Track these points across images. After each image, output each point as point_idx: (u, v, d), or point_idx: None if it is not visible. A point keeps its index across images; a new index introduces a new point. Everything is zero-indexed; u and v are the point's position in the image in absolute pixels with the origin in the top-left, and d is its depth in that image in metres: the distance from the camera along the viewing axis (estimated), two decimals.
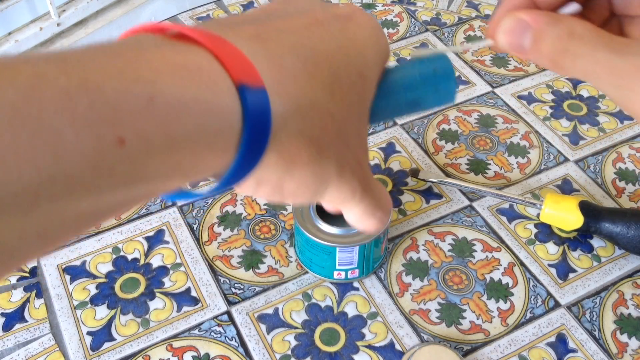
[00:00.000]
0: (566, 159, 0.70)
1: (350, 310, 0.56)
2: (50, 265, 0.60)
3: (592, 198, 0.66)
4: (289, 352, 0.53)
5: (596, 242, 0.62)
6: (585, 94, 0.78)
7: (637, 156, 0.70)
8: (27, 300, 0.57)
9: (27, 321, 0.56)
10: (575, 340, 0.54)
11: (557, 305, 0.57)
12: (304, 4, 0.27)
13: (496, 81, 0.80)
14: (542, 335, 0.55)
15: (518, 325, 0.55)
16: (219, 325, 0.55)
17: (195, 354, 0.53)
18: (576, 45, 0.25)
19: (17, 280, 0.59)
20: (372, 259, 0.57)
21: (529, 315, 0.56)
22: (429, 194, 0.66)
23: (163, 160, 0.19)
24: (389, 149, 0.71)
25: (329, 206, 0.27)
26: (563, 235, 0.62)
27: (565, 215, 0.59)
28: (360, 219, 0.28)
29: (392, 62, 0.82)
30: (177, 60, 0.20)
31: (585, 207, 0.59)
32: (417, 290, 0.58)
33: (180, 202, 0.65)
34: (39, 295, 0.58)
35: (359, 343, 0.54)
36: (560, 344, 0.54)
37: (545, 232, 0.62)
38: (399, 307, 0.57)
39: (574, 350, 0.54)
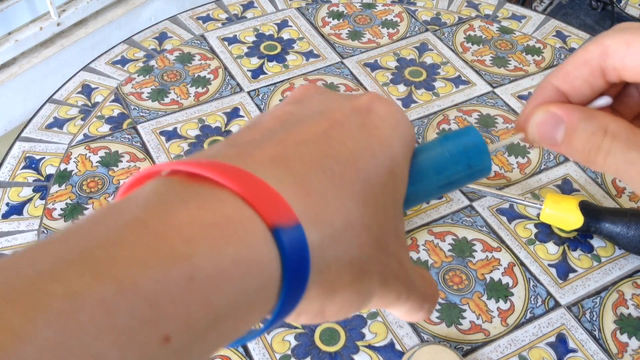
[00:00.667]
0: (566, 159, 0.70)
1: None
2: None
3: (592, 198, 0.66)
4: (289, 352, 0.53)
5: (596, 242, 0.62)
6: None
7: None
8: None
9: None
10: (575, 340, 0.54)
11: (557, 305, 0.57)
12: (319, 102, 0.25)
13: (496, 81, 0.80)
14: (542, 335, 0.55)
15: (518, 325, 0.55)
16: None
17: None
18: (609, 143, 0.25)
19: None
20: None
21: (529, 315, 0.56)
22: None
23: (207, 339, 0.17)
24: None
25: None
26: (563, 235, 0.62)
27: (565, 215, 0.59)
28: (408, 315, 0.27)
29: (392, 62, 0.82)
30: (208, 219, 0.18)
31: (585, 207, 0.59)
32: None
33: None
34: None
35: (359, 343, 0.54)
36: (560, 344, 0.54)
37: (545, 232, 0.62)
38: None
39: (574, 350, 0.54)
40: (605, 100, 0.27)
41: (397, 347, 0.54)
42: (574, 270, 0.60)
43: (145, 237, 0.17)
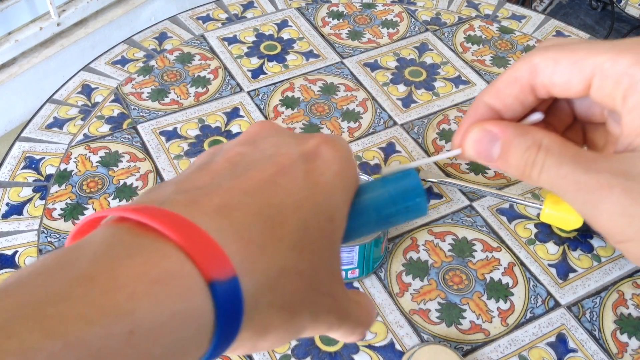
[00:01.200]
0: None
1: None
2: None
3: None
4: (289, 352, 0.53)
5: (596, 242, 0.62)
6: None
7: None
8: None
9: None
10: (575, 340, 0.54)
11: (557, 305, 0.57)
12: (270, 145, 0.27)
13: None
14: (542, 335, 0.55)
15: (518, 325, 0.55)
16: None
17: None
18: (543, 159, 0.26)
19: None
20: (372, 259, 0.57)
21: (529, 315, 0.56)
22: (429, 194, 0.66)
23: None
24: (389, 149, 0.71)
25: None
26: (563, 235, 0.62)
27: (565, 215, 0.59)
28: (342, 338, 0.28)
29: (392, 62, 0.82)
30: (152, 274, 0.20)
31: None
32: (417, 290, 0.58)
33: None
34: None
35: (359, 343, 0.54)
36: (560, 344, 0.54)
37: (545, 232, 0.62)
38: (399, 307, 0.57)
39: (574, 350, 0.54)
40: (537, 116, 0.28)
41: (397, 347, 0.54)
42: (574, 270, 0.60)
43: (92, 293, 0.18)
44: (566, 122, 0.30)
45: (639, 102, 0.24)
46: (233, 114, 0.75)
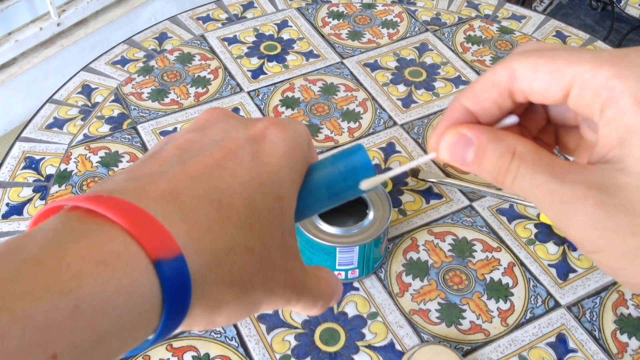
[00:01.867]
0: (566, 159, 0.70)
1: (350, 310, 0.56)
2: None
3: None
4: (289, 352, 0.53)
5: None
6: None
7: None
8: None
9: None
10: (575, 340, 0.54)
11: (557, 305, 0.57)
12: (219, 130, 0.28)
13: None
14: (542, 335, 0.55)
15: (518, 325, 0.56)
16: None
17: (195, 354, 0.53)
18: (517, 166, 0.26)
19: None
20: (372, 259, 0.57)
21: (529, 315, 0.56)
22: (429, 194, 0.66)
23: (94, 354, 0.20)
24: (389, 149, 0.71)
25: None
26: (563, 235, 0.62)
27: None
28: (303, 311, 0.30)
29: (392, 62, 0.82)
30: (96, 255, 0.21)
31: None
32: (417, 290, 0.58)
33: None
34: None
35: (359, 343, 0.54)
36: (560, 344, 0.54)
37: (545, 232, 0.62)
38: (399, 307, 0.57)
39: (574, 350, 0.54)
40: (513, 119, 0.28)
41: (397, 347, 0.54)
42: (574, 270, 0.60)
43: (39, 273, 0.20)
44: (540, 124, 0.30)
45: (616, 116, 0.24)
46: None
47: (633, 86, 0.23)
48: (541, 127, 0.31)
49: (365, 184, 0.30)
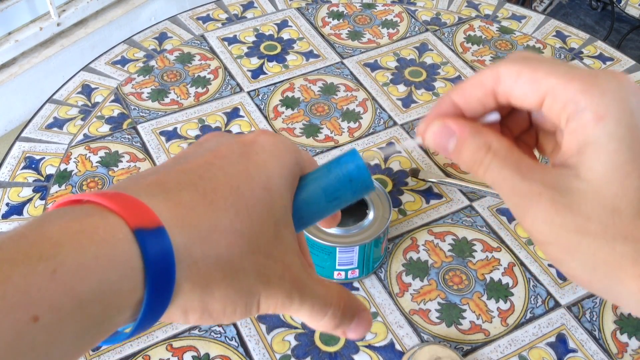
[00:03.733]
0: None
1: None
2: None
3: None
4: (289, 352, 0.53)
5: None
6: None
7: None
8: None
9: None
10: (575, 340, 0.54)
11: (557, 305, 0.57)
12: (214, 142, 0.30)
13: None
14: (542, 335, 0.55)
15: (518, 325, 0.56)
16: (219, 325, 0.55)
17: (195, 354, 0.53)
18: (490, 159, 0.29)
19: None
20: (372, 259, 0.57)
21: (529, 315, 0.56)
22: (429, 194, 0.66)
23: (75, 320, 0.21)
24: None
25: (269, 310, 0.29)
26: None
27: None
28: (312, 320, 0.29)
29: (392, 62, 0.82)
30: (75, 228, 0.22)
31: None
32: (417, 290, 0.58)
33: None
34: None
35: (359, 343, 0.54)
36: (560, 344, 0.54)
37: None
38: (399, 307, 0.57)
39: (574, 350, 0.54)
40: (494, 117, 0.31)
41: (397, 347, 0.54)
42: None
43: (21, 244, 0.21)
44: (522, 126, 0.33)
45: (578, 127, 0.27)
46: (233, 114, 0.75)
47: (596, 103, 0.26)
48: (523, 129, 0.33)
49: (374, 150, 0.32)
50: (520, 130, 0.33)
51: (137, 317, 0.24)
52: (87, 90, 0.79)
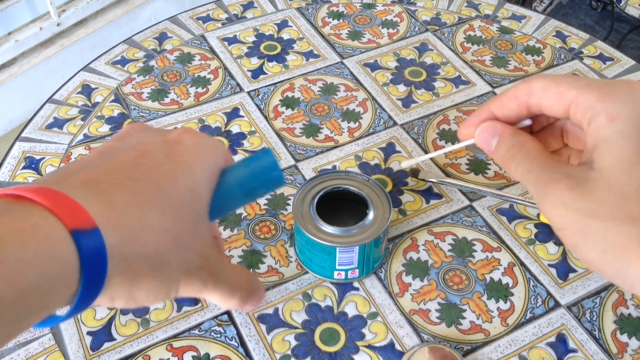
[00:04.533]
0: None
1: (351, 311, 0.56)
2: None
3: None
4: (289, 352, 0.53)
5: None
6: None
7: None
8: None
9: None
10: (575, 340, 0.54)
11: (557, 305, 0.57)
12: (137, 138, 0.32)
13: (496, 81, 0.80)
14: (542, 335, 0.55)
15: (518, 325, 0.56)
16: (219, 325, 0.55)
17: (195, 354, 0.53)
18: (521, 156, 0.34)
19: None
20: (372, 259, 0.57)
21: (529, 315, 0.56)
22: (429, 194, 0.66)
23: (15, 308, 0.24)
24: (389, 149, 0.71)
25: (190, 295, 0.32)
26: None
27: None
28: (221, 301, 0.33)
29: (392, 62, 0.82)
30: (17, 226, 0.24)
31: None
32: (417, 290, 0.58)
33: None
34: None
35: (359, 343, 0.54)
36: (560, 344, 0.54)
37: (545, 232, 0.62)
38: (399, 307, 0.57)
39: (574, 350, 0.54)
40: (528, 122, 0.37)
41: (397, 347, 0.54)
42: (574, 270, 0.60)
43: None
44: (559, 145, 0.39)
45: (595, 129, 0.32)
46: (233, 114, 0.75)
47: (609, 107, 0.31)
48: (559, 148, 0.39)
49: (405, 163, 0.44)
50: (556, 148, 0.39)
51: (71, 304, 0.26)
52: (87, 90, 0.79)
